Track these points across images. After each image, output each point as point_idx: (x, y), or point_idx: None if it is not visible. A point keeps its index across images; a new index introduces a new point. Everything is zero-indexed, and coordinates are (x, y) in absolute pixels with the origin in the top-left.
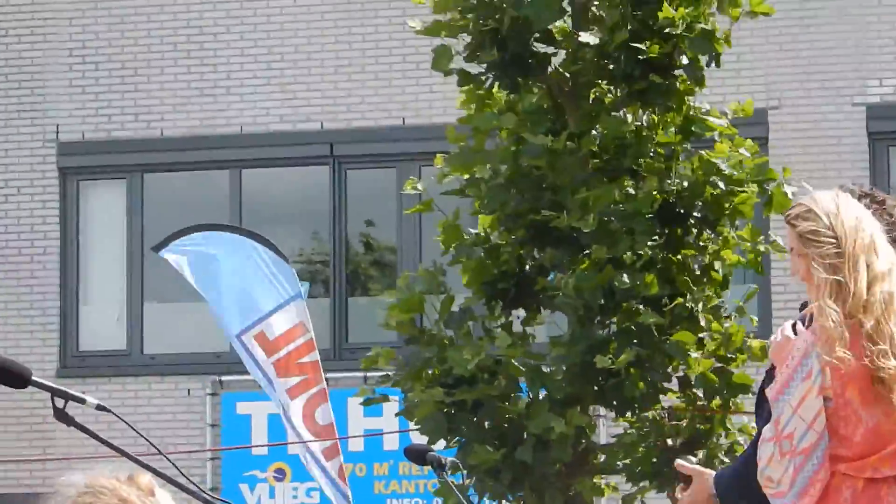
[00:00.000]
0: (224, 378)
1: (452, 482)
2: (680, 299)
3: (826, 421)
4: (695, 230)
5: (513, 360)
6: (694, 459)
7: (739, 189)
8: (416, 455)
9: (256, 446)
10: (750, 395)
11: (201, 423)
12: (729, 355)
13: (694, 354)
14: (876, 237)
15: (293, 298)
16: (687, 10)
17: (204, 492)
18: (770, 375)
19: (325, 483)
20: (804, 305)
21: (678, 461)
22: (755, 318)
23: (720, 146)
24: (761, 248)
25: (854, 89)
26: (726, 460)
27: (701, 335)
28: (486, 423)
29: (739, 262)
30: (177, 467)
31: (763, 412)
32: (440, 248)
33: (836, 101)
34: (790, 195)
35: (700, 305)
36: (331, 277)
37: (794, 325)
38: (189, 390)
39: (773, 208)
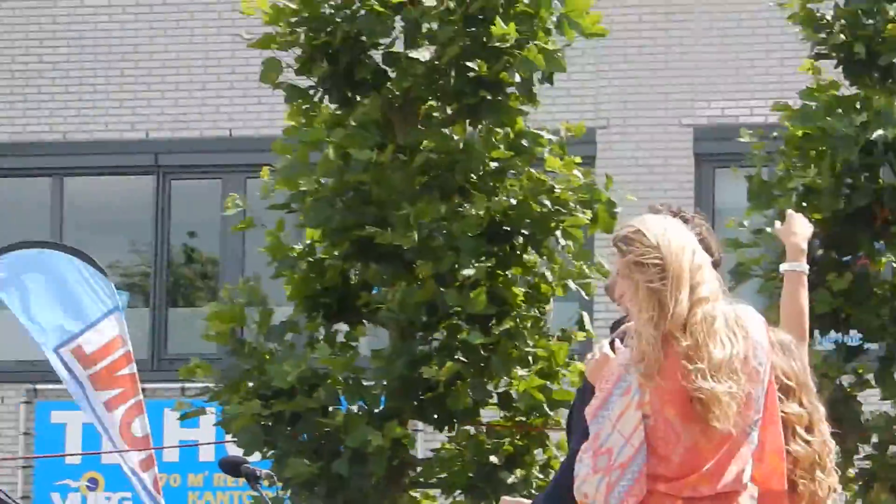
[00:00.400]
0: (39, 386)
1: (268, 494)
2: (509, 320)
3: (645, 439)
4: (521, 249)
5: (334, 373)
6: (516, 497)
7: (564, 210)
8: (231, 467)
9: (70, 455)
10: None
11: (14, 431)
12: (553, 371)
13: (521, 372)
14: (703, 262)
15: (111, 311)
16: (519, 28)
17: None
18: (583, 396)
19: (142, 494)
20: (616, 324)
21: (504, 498)
22: (581, 335)
23: (552, 160)
24: (586, 269)
25: (682, 110)
26: (541, 476)
27: (526, 351)
28: (304, 436)
29: (564, 283)
30: None
31: (576, 432)
32: (263, 260)
33: (664, 122)
34: (617, 214)
35: (528, 323)
36: (151, 287)
37: (611, 343)
38: (2, 398)
39: (599, 227)
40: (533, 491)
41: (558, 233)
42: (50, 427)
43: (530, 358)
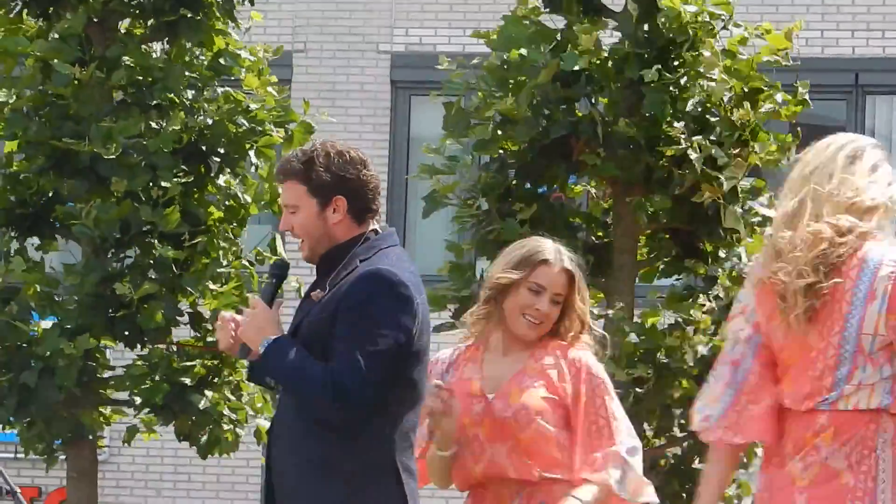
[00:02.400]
0: None
1: None
2: (201, 237)
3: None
4: (217, 168)
5: (27, 287)
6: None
7: (261, 129)
8: None
9: None
10: None
11: None
12: (245, 296)
13: (212, 286)
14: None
15: None
16: None
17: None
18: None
19: None
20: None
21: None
22: (274, 258)
23: (250, 78)
24: (280, 190)
25: (381, 37)
26: (232, 398)
27: (219, 272)
28: None
29: (258, 203)
30: None
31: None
32: None
33: (361, 48)
34: (313, 134)
35: (222, 244)
36: None
37: None
38: None
39: (294, 146)
40: (226, 412)
41: (252, 153)
42: None
43: (223, 278)
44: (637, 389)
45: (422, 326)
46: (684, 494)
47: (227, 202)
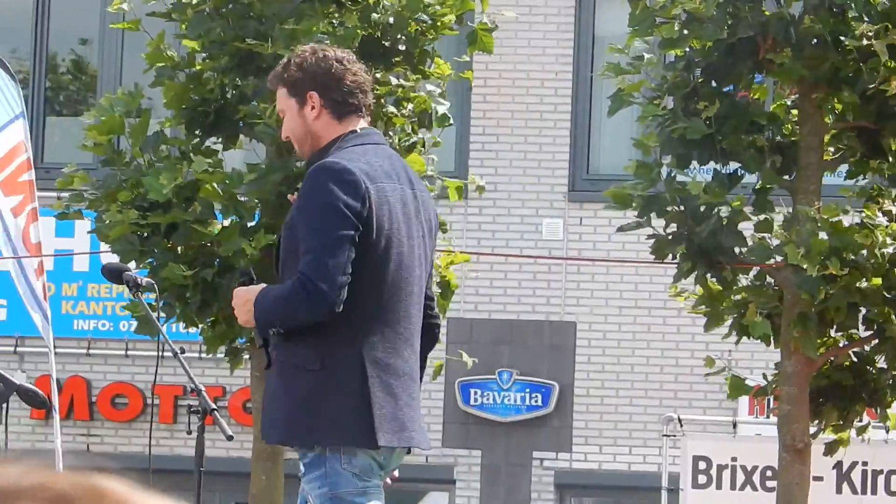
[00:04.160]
0: None
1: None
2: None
3: None
4: (396, 66)
5: (209, 185)
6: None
7: (440, 24)
8: (114, 273)
9: None
10: None
11: None
12: None
13: None
14: None
15: (18, 117)
16: None
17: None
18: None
19: (29, 301)
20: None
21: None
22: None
23: None
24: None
25: None
26: None
27: None
28: (179, 248)
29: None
30: None
31: None
32: (141, 72)
33: None
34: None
35: (397, 140)
36: (30, 95)
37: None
38: None
39: (478, 48)
40: None
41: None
42: None
43: None
44: (827, 287)
45: (378, 212)
46: (864, 395)
47: (402, 99)
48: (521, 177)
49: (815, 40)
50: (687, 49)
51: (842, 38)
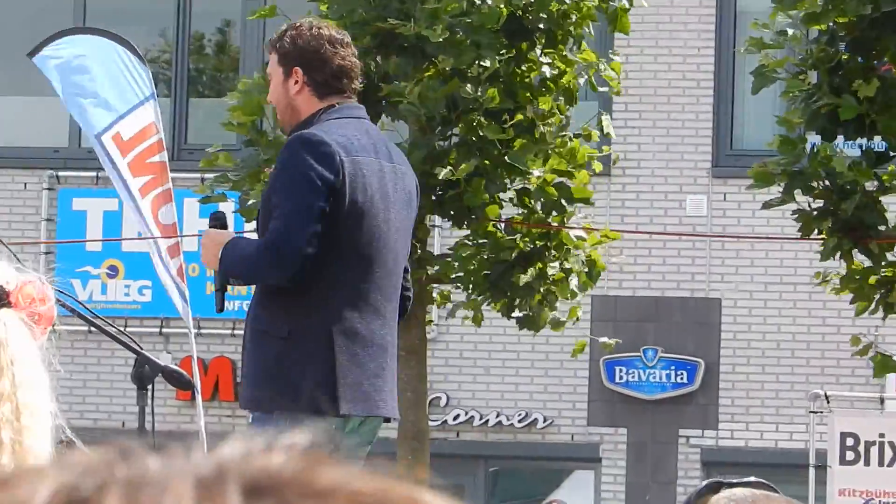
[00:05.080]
0: (61, 173)
1: None
2: (520, 114)
3: None
4: (539, 45)
5: None
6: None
7: (583, 8)
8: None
9: (92, 241)
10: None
11: (37, 217)
12: (570, 170)
13: (536, 172)
14: None
15: (148, 99)
16: None
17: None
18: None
19: (167, 281)
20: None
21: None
22: (596, 134)
23: None
24: (602, 67)
25: None
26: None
27: (543, 148)
28: None
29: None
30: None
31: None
32: None
33: None
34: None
35: (542, 120)
36: (173, 77)
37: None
38: (25, 184)
39: (617, 28)
40: (552, 288)
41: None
42: (71, 214)
43: (549, 154)
44: None
45: (352, 184)
46: None
47: (546, 77)
48: (664, 153)
49: None
50: (830, 24)
51: None
